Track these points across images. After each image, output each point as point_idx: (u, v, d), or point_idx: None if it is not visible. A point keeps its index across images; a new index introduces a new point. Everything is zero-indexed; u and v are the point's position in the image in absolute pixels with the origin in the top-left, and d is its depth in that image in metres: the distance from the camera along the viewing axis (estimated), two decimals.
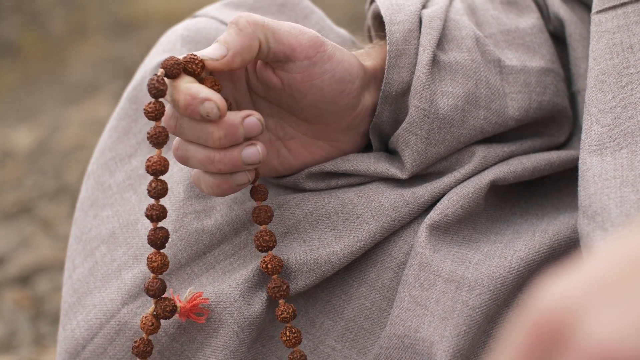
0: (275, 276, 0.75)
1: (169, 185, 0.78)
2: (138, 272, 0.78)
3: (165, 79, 0.70)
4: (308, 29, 0.73)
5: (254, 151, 0.71)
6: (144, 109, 0.71)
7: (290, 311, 0.75)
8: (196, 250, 0.78)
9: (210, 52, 0.70)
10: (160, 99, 0.71)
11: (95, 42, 2.73)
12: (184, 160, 0.72)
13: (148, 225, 0.78)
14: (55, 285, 1.61)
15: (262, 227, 0.75)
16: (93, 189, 0.83)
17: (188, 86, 0.70)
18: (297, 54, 0.72)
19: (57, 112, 2.30)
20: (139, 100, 0.84)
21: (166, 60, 0.70)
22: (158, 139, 0.70)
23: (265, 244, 0.74)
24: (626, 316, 0.38)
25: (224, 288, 0.76)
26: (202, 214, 0.78)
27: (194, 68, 0.71)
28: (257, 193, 0.75)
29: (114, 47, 2.67)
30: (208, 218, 0.78)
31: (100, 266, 0.80)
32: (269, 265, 0.74)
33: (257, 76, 0.74)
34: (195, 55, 0.71)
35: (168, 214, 0.77)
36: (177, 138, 0.73)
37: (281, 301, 0.75)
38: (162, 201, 0.77)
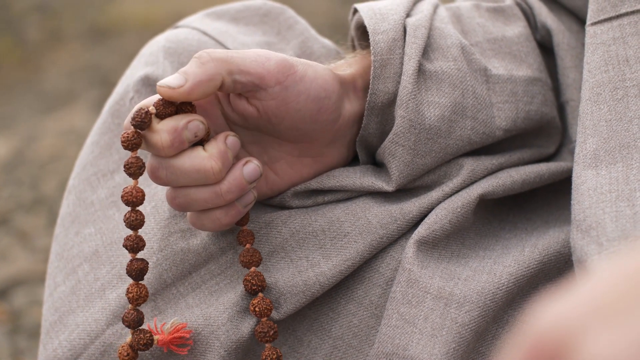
0: (264, 319, 0.74)
1: (153, 204, 0.77)
2: (123, 292, 0.77)
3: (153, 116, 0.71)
4: (275, 53, 0.73)
5: (253, 167, 0.72)
6: (120, 138, 0.71)
7: (274, 357, 0.74)
8: (182, 270, 0.77)
9: (169, 80, 0.70)
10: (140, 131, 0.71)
11: (72, 49, 2.71)
12: (185, 207, 0.73)
13: None
14: (33, 299, 1.60)
15: (251, 269, 0.74)
16: (74, 205, 0.83)
17: (165, 122, 0.70)
18: (267, 81, 0.72)
19: (33, 121, 2.28)
20: (121, 115, 0.83)
21: (161, 100, 0.71)
22: (130, 170, 0.71)
23: (257, 286, 0.74)
24: (624, 338, 0.37)
25: (212, 311, 0.75)
26: (188, 233, 0.77)
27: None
28: (244, 236, 0.75)
29: (90, 55, 2.66)
30: (194, 237, 0.77)
31: (83, 285, 0.79)
32: (257, 309, 0.74)
33: (232, 108, 0.74)
34: (193, 104, 0.72)
35: (153, 233, 0.77)
36: (168, 188, 0.73)
37: (267, 345, 0.74)
38: (148, 220, 0.77)
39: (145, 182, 0.78)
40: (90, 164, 0.83)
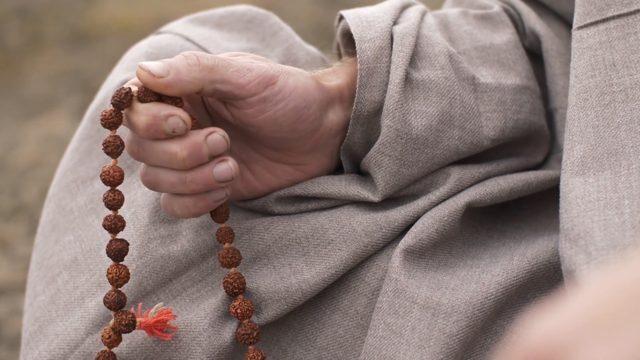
0: (245, 321, 0.74)
1: (133, 210, 0.77)
2: (102, 300, 0.76)
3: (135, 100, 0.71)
4: (259, 63, 0.73)
5: (225, 168, 0.71)
6: (100, 115, 0.71)
7: (259, 358, 0.74)
8: (162, 277, 0.76)
9: (151, 66, 0.70)
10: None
11: (52, 54, 2.70)
12: (153, 186, 0.72)
13: None
14: (14, 308, 1.60)
15: (231, 270, 0.74)
16: (54, 212, 0.82)
17: (147, 106, 0.70)
18: (246, 91, 0.71)
19: (14, 127, 2.27)
20: None
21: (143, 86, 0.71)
22: (107, 149, 0.71)
23: (237, 288, 0.74)
24: (617, 352, 0.37)
25: (193, 317, 0.75)
26: (168, 240, 0.77)
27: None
28: (222, 235, 0.74)
29: (71, 60, 2.65)
30: (174, 243, 0.76)
31: (62, 294, 0.79)
32: (239, 310, 0.73)
33: (211, 106, 0.74)
34: (181, 97, 0.71)
35: (132, 240, 0.76)
36: (142, 164, 0.72)
37: (251, 347, 0.74)
38: (128, 226, 0.76)
39: (124, 188, 0.78)
40: (70, 171, 0.82)
